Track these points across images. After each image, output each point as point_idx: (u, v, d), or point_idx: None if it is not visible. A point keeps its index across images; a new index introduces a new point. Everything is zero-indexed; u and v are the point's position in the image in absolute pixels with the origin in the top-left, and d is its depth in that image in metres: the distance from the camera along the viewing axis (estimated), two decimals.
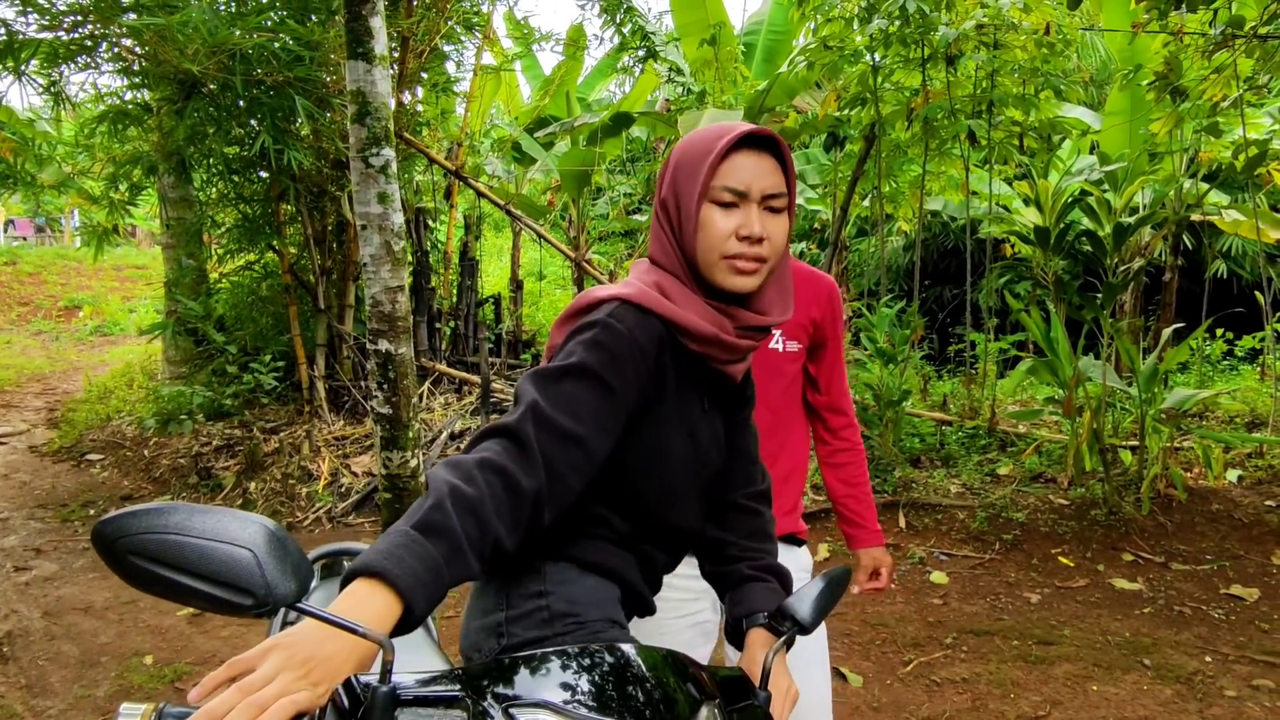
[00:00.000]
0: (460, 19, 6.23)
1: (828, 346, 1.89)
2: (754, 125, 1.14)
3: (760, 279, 1.15)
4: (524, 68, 10.85)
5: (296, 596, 0.76)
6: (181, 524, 0.76)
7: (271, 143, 5.17)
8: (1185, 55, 4.81)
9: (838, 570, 1.18)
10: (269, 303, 6.93)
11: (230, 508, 0.79)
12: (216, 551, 0.76)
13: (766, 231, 1.13)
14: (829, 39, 6.23)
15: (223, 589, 0.76)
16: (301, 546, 0.79)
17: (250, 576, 0.76)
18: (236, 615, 0.76)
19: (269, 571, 0.76)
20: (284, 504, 5.45)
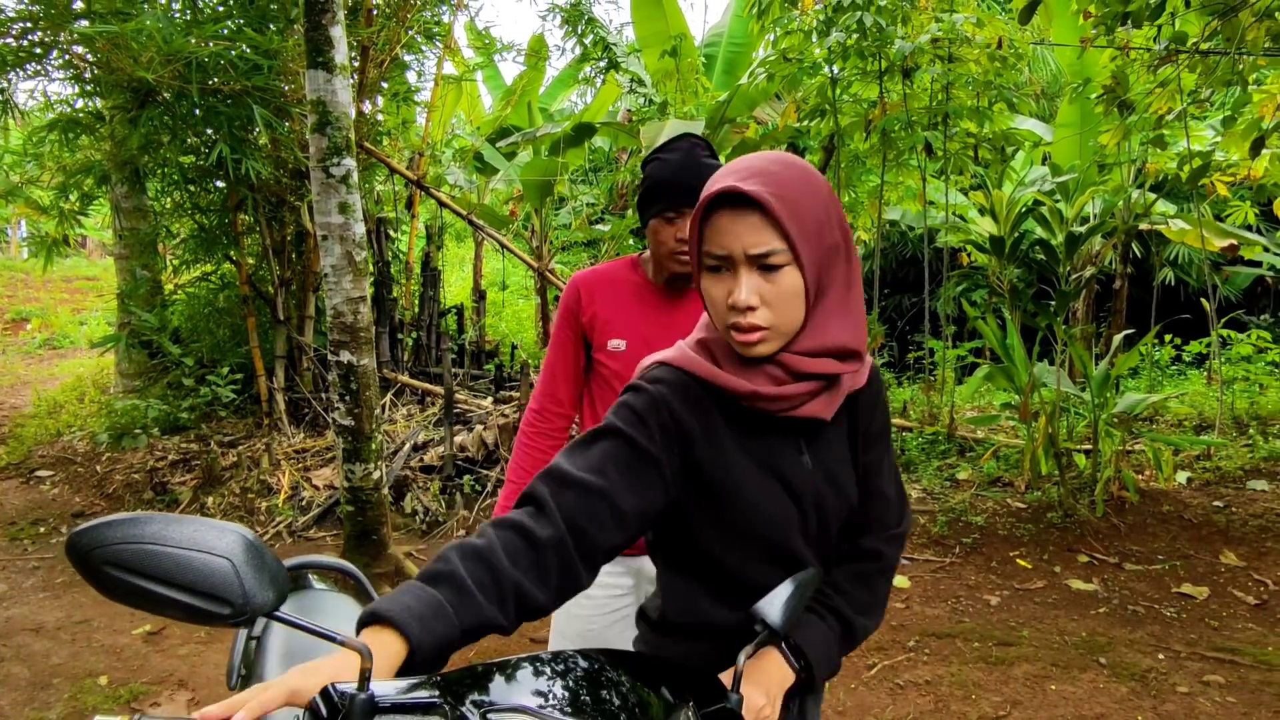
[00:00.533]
0: (421, 29, 6.22)
1: None
2: (728, 184, 1.05)
3: (770, 345, 1.09)
4: (485, 78, 10.83)
5: (274, 605, 0.76)
6: (158, 533, 0.75)
7: (229, 152, 5.10)
8: (1132, 70, 4.96)
9: (805, 573, 1.19)
10: (227, 314, 6.82)
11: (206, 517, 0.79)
12: (194, 561, 0.75)
13: (760, 296, 1.06)
14: (788, 51, 6.32)
15: (200, 598, 0.75)
16: (276, 556, 0.79)
17: (228, 586, 0.75)
18: (214, 624, 0.76)
19: (247, 581, 0.76)
20: (243, 518, 5.36)
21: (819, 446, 1.21)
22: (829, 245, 1.09)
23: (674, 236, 1.77)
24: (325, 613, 1.72)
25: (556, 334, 1.93)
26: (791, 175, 1.07)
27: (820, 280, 1.09)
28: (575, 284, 1.90)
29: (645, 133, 6.52)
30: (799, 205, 1.05)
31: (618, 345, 1.84)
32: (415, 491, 5.43)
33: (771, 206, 1.03)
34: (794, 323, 1.09)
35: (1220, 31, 3.93)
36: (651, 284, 1.88)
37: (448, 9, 6.59)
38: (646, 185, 1.79)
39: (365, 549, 4.21)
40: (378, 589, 4.12)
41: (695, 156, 1.77)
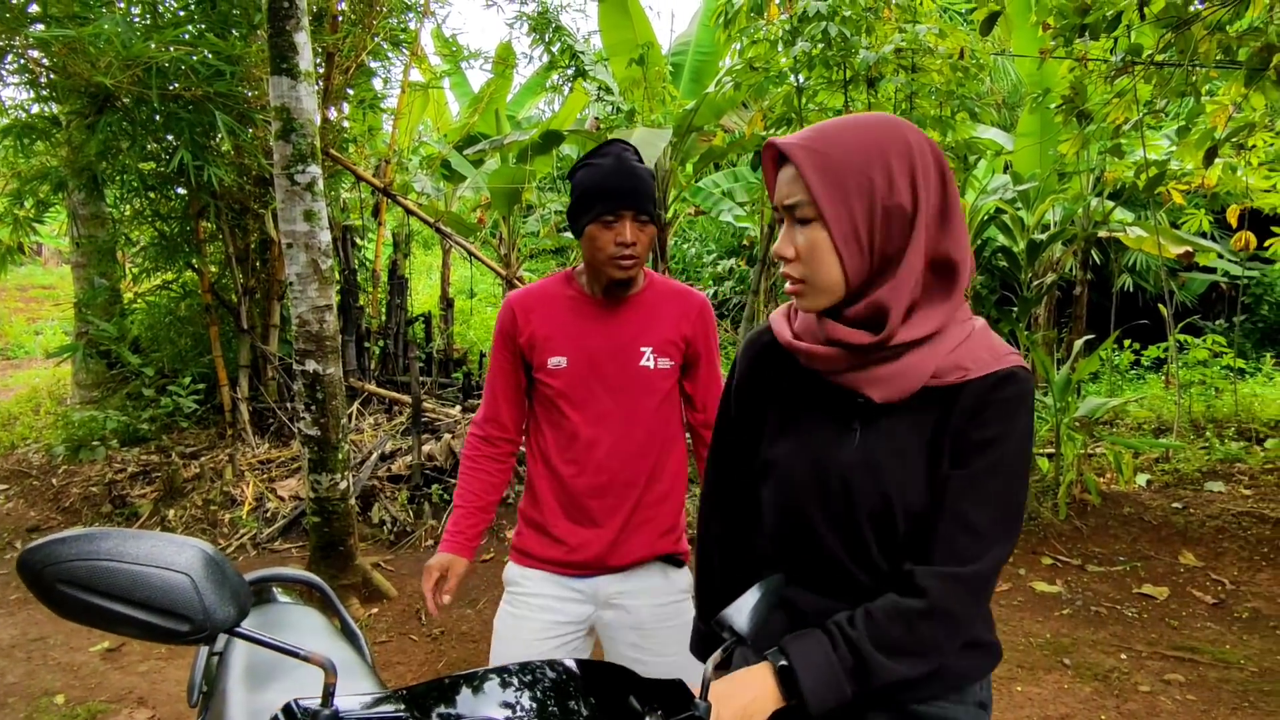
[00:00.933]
0: (387, 35, 6.18)
1: (701, 363, 1.90)
2: (777, 137, 1.09)
3: (808, 299, 1.10)
4: (452, 85, 10.78)
5: (236, 621, 0.75)
6: (114, 549, 0.73)
7: (190, 159, 5.02)
8: (1090, 80, 5.07)
9: (773, 579, 1.19)
10: (188, 323, 6.70)
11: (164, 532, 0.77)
12: (151, 577, 0.73)
13: (795, 249, 1.08)
14: (755, 60, 6.37)
15: (158, 615, 0.74)
16: (237, 571, 0.78)
17: (188, 602, 0.74)
18: (173, 642, 0.74)
19: (207, 597, 0.74)
20: (205, 531, 5.26)
21: (875, 430, 1.12)
22: (883, 206, 1.04)
23: (614, 240, 1.72)
24: (290, 627, 1.70)
25: (495, 357, 1.89)
26: (848, 133, 1.06)
27: (861, 240, 1.05)
28: (509, 304, 1.85)
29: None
30: (835, 160, 1.03)
31: (558, 363, 1.79)
32: (383, 501, 5.37)
33: (797, 158, 1.04)
34: (827, 279, 1.07)
35: (1174, 44, 4.02)
36: (588, 296, 1.83)
37: (414, 16, 6.56)
38: (580, 192, 1.75)
39: (332, 560, 4.15)
40: (345, 601, 4.07)
41: (626, 161, 1.75)
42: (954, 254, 1.07)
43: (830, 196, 1.03)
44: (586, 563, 1.81)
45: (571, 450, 1.80)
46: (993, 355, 1.08)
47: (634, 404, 1.80)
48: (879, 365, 1.08)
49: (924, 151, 1.05)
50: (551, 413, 1.82)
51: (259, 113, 5.16)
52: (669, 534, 1.87)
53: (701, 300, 1.89)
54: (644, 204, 1.73)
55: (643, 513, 1.82)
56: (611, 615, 1.85)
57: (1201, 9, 3.99)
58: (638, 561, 1.83)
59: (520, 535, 1.90)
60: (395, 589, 4.36)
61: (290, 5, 3.80)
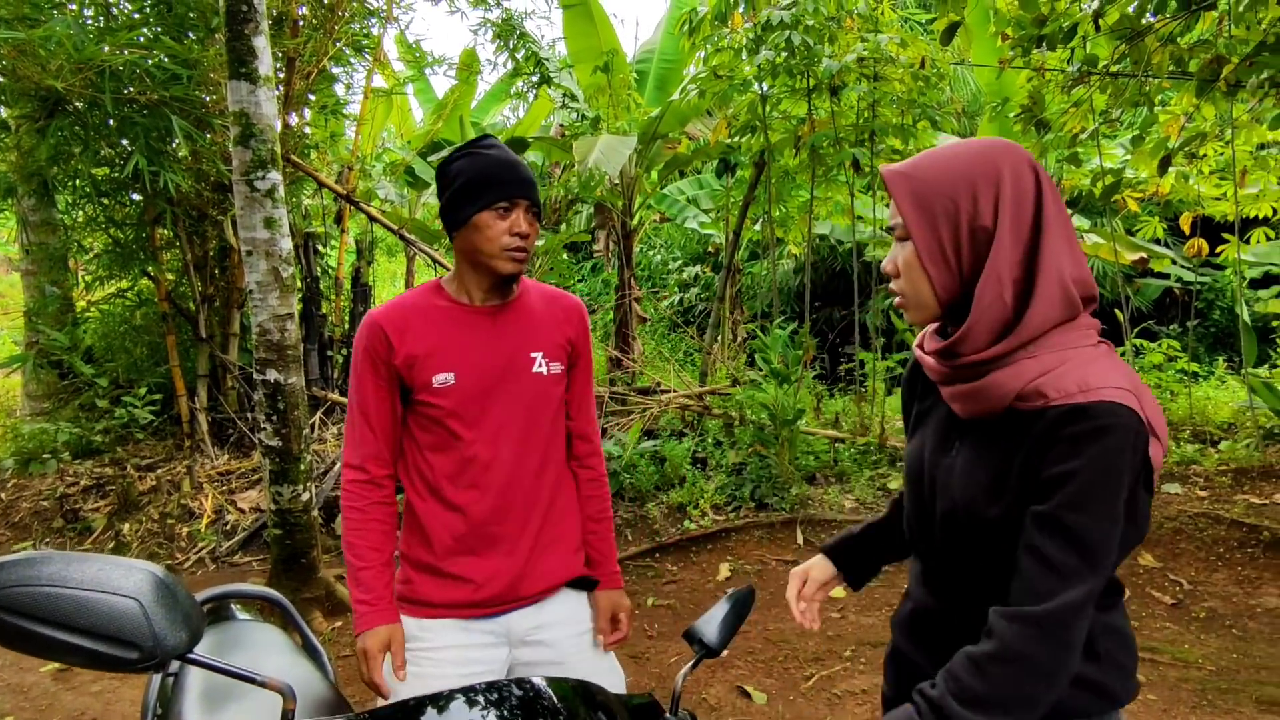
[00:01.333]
0: (349, 41, 6.10)
1: (579, 367, 1.80)
2: (884, 166, 1.18)
3: (911, 314, 1.18)
4: (416, 91, 10.70)
5: (188, 647, 0.72)
6: (57, 574, 0.70)
7: (146, 164, 4.92)
8: (1047, 90, 5.16)
9: (741, 591, 1.19)
10: (144, 332, 6.55)
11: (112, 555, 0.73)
12: (97, 603, 0.70)
13: (894, 264, 1.17)
14: (719, 68, 6.41)
15: (105, 643, 0.70)
16: (190, 593, 0.74)
17: (136, 628, 0.70)
18: (121, 670, 0.71)
19: (157, 622, 0.71)
20: (162, 545, 5.14)
21: (968, 445, 1.17)
22: (968, 228, 1.09)
23: (509, 230, 1.60)
24: (250, 645, 1.65)
25: (362, 385, 1.65)
26: (942, 159, 1.12)
27: (948, 258, 1.11)
28: (375, 324, 1.63)
29: (578, 147, 6.51)
30: (923, 184, 1.11)
31: (445, 379, 1.61)
32: None
33: (890, 183, 1.13)
34: (919, 294, 1.15)
35: (1129, 55, 4.11)
36: (465, 305, 1.67)
37: (377, 22, 6.49)
38: (465, 180, 1.60)
39: (294, 573, 4.07)
40: (308, 615, 4.00)
41: (511, 154, 1.65)
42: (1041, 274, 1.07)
43: (917, 218, 1.11)
44: (496, 598, 1.64)
45: (468, 474, 1.63)
46: (1080, 386, 1.05)
47: (531, 415, 1.67)
48: (963, 382, 1.13)
49: (1018, 176, 1.09)
50: (439, 436, 1.63)
51: (217, 118, 5.07)
52: (578, 553, 1.78)
53: (579, 302, 1.82)
54: (536, 196, 1.64)
55: (550, 531, 1.71)
56: (530, 653, 1.69)
57: (1154, 22, 4.08)
58: (550, 588, 1.71)
59: (409, 584, 1.67)
60: None
61: (249, 9, 3.74)
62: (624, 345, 8.11)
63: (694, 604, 4.28)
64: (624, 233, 8.19)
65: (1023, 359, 1.08)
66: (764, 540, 5.00)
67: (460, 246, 1.65)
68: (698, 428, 6.19)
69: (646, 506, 5.30)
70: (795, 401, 5.66)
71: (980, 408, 1.12)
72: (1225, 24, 4.38)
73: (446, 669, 1.61)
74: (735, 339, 8.86)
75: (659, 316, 11.27)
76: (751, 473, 5.51)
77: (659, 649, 3.79)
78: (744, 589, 1.19)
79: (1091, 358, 1.08)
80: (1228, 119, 5.17)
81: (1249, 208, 6.04)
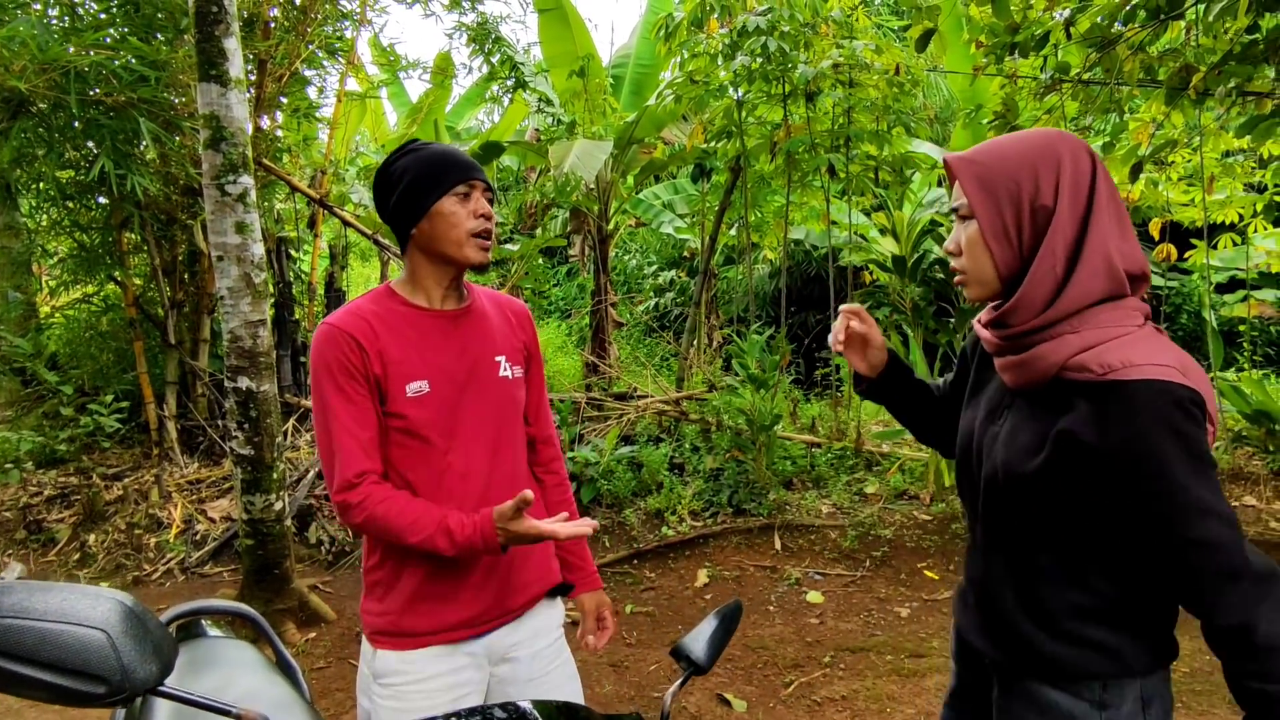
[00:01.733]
0: (322, 43, 6.03)
1: (533, 371, 1.76)
2: (948, 154, 1.24)
3: (971, 290, 1.25)
4: (390, 95, 10.61)
5: (159, 679, 0.68)
6: (18, 605, 0.66)
7: (112, 167, 4.82)
8: (1020, 97, 5.21)
9: (730, 605, 1.17)
10: (111, 338, 6.42)
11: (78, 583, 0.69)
12: (62, 635, 0.66)
13: (956, 243, 1.25)
14: (695, 74, 6.41)
15: (70, 677, 0.66)
16: (161, 622, 0.71)
17: (103, 661, 0.66)
18: (88, 706, 0.67)
19: (125, 654, 0.67)
20: (129, 556, 5.03)
21: (1016, 418, 1.24)
22: (1029, 207, 1.16)
23: (474, 213, 1.54)
24: (222, 664, 1.60)
25: (342, 400, 1.50)
26: (1004, 145, 1.20)
27: (1010, 236, 1.18)
28: (344, 331, 1.50)
29: (554, 152, 6.48)
30: (988, 168, 1.18)
31: (419, 388, 1.53)
32: (320, 521, 5.21)
33: (956, 168, 1.21)
34: (982, 270, 1.22)
35: (1100, 63, 4.16)
36: (424, 309, 1.59)
37: (350, 24, 6.42)
38: (417, 173, 1.53)
39: (267, 584, 4.00)
40: (280, 626, 3.93)
41: (446, 145, 1.60)
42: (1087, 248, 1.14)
43: (982, 199, 1.19)
44: (481, 615, 1.58)
45: (444, 487, 1.54)
46: (1124, 362, 1.09)
47: (501, 421, 1.62)
48: (1012, 353, 1.21)
49: (1076, 159, 1.17)
50: (413, 449, 1.54)
51: (186, 120, 4.98)
52: (554, 559, 1.74)
53: (525, 306, 1.79)
54: (489, 180, 1.58)
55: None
56: (507, 670, 1.64)
57: (1124, 30, 4.13)
58: (534, 598, 1.66)
59: (387, 615, 1.55)
60: (334, 611, 4.22)
61: (219, 10, 3.68)
62: (600, 350, 8.08)
63: (673, 611, 4.26)
64: (600, 237, 8.16)
65: (1066, 333, 1.14)
66: (742, 546, 4.99)
67: (420, 243, 1.56)
68: (675, 433, 6.18)
69: (624, 513, 5.28)
70: (772, 406, 5.66)
71: (1027, 377, 1.19)
72: (1193, 33, 4.45)
73: (437, 699, 1.53)
74: (711, 344, 8.87)
75: (635, 321, 11.25)
76: (729, 478, 5.51)
77: (638, 657, 3.77)
78: (731, 604, 1.18)
79: (1137, 338, 1.13)
80: (1196, 127, 5.25)
81: (1216, 214, 6.14)
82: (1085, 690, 1.21)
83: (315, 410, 1.54)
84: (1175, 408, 1.06)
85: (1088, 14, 4.19)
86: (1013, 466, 1.21)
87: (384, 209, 1.59)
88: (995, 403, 1.31)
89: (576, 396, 6.37)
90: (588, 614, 1.79)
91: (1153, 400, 1.06)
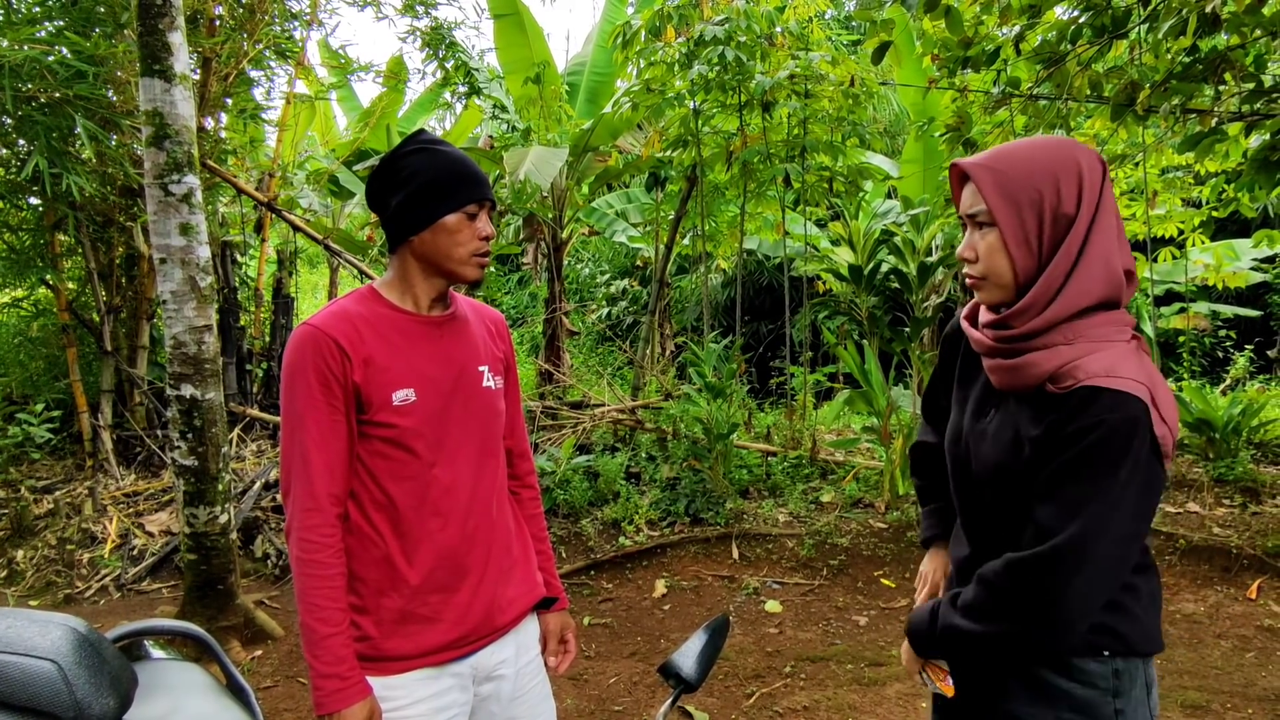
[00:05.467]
0: (270, 43, 5.87)
1: (510, 382, 1.72)
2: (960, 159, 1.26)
3: (987, 293, 1.27)
4: (340, 98, 10.41)
5: (116, 714, 0.61)
6: None
7: (46, 166, 4.61)
8: (972, 109, 5.30)
9: (717, 620, 1.13)
10: (42, 344, 6.16)
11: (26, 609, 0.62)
12: (8, 668, 0.58)
13: (973, 250, 1.26)
14: (652, 82, 6.40)
15: (16, 715, 0.58)
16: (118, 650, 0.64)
17: (53, 695, 0.58)
18: None
19: (79, 687, 0.59)
20: (60, 573, 4.80)
21: (1004, 413, 1.28)
22: (1052, 213, 1.19)
23: (478, 234, 1.48)
24: (169, 687, 1.50)
25: (311, 409, 1.42)
26: (1021, 152, 1.22)
27: (1030, 242, 1.20)
28: (326, 335, 1.42)
29: (509, 159, 6.41)
30: (1008, 175, 1.20)
31: (406, 396, 1.45)
32: (267, 534, 5.04)
33: (976, 175, 1.22)
34: (1001, 274, 1.23)
35: (1051, 79, 4.25)
36: (410, 314, 1.52)
37: (299, 25, 6.27)
38: (430, 178, 1.46)
39: (210, 600, 3.84)
40: (225, 644, 3.77)
41: (459, 150, 1.53)
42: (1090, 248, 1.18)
43: (1003, 206, 1.20)
44: (470, 634, 1.52)
45: (430, 501, 1.47)
46: (1107, 371, 1.15)
47: (485, 433, 1.57)
48: (1004, 357, 1.24)
49: (1092, 167, 1.20)
50: (398, 461, 1.46)
51: (125, 118, 4.80)
52: (537, 573, 1.70)
53: (501, 315, 1.75)
54: (495, 198, 1.54)
55: (511, 554, 1.62)
56: (490, 688, 1.58)
57: (1073, 48, 4.22)
58: (521, 614, 1.62)
59: (369, 640, 1.46)
60: (281, 628, 4.07)
61: (164, 3, 3.54)
62: (554, 359, 8.01)
63: (631, 622, 4.20)
64: (554, 245, 8.10)
65: (1059, 344, 1.19)
66: (700, 555, 4.96)
67: (417, 251, 1.49)
68: (631, 442, 6.13)
69: (581, 523, 5.21)
70: (729, 415, 5.65)
71: (1015, 382, 1.23)
72: (1137, 52, 4.58)
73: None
74: (665, 353, 8.85)
75: (588, 330, 11.20)
76: (686, 487, 5.48)
77: (598, 670, 3.70)
78: (718, 619, 1.14)
79: (1125, 352, 1.18)
80: (1139, 143, 5.40)
81: (1157, 228, 6.32)
82: (1093, 676, 1.25)
83: (285, 416, 1.45)
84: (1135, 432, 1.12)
85: (1036, 30, 4.28)
86: (1002, 463, 1.26)
87: (381, 204, 1.51)
88: (981, 401, 1.35)
89: (531, 405, 6.29)
90: (551, 634, 1.73)
91: (1118, 410, 1.12)
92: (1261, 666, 3.55)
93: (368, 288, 1.55)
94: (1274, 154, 3.95)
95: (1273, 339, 9.44)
